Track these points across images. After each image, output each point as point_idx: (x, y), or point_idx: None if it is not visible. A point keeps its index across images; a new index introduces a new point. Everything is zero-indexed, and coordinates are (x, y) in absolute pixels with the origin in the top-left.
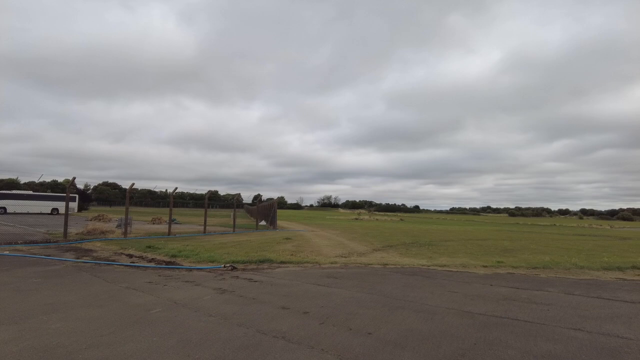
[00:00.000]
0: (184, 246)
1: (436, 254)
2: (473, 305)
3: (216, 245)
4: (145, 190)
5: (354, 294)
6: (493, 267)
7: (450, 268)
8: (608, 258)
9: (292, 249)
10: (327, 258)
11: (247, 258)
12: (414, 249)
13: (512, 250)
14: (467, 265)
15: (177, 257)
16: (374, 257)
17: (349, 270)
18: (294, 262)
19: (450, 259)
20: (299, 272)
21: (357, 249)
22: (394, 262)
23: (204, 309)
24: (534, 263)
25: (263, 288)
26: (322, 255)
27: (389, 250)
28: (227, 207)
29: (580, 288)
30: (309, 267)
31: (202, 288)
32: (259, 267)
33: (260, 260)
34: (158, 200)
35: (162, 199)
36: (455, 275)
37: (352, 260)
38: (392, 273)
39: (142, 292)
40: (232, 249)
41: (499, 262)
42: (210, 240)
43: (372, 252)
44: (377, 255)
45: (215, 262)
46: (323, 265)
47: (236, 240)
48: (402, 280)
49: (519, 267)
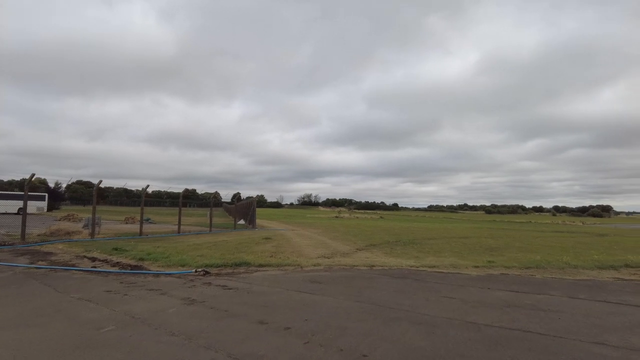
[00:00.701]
0: (154, 248)
1: (422, 253)
2: (476, 315)
3: (190, 247)
4: (121, 189)
5: (342, 302)
6: (485, 267)
7: (440, 269)
8: (598, 256)
9: (271, 249)
10: (310, 259)
11: (222, 261)
12: (399, 248)
13: (498, 249)
14: (457, 266)
15: (144, 261)
16: (359, 258)
17: (333, 274)
18: (274, 265)
19: (437, 259)
20: (279, 277)
21: (340, 248)
22: (381, 263)
23: (167, 326)
24: (525, 262)
25: (238, 297)
26: (303, 256)
27: (373, 249)
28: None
29: (582, 291)
30: (290, 271)
31: (168, 298)
32: (235, 272)
33: (236, 263)
34: (134, 199)
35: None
36: (447, 277)
37: (336, 261)
38: (380, 276)
39: (96, 304)
40: (206, 250)
41: (490, 261)
42: (184, 241)
43: (356, 251)
44: (361, 255)
45: (187, 266)
46: (305, 267)
47: (212, 241)
48: (392, 285)
49: (511, 267)
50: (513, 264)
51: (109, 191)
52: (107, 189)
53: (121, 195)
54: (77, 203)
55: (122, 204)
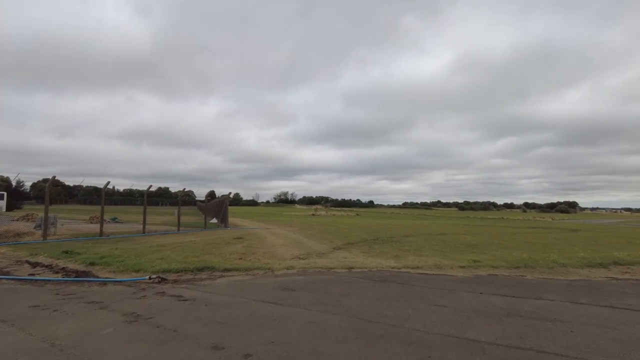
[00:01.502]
0: (111, 250)
1: (402, 252)
2: (475, 329)
3: (152, 249)
4: (91, 188)
5: (316, 315)
6: (471, 267)
7: (424, 270)
8: (583, 253)
9: (242, 250)
10: (283, 261)
11: (184, 265)
12: (377, 247)
13: (479, 246)
14: (441, 266)
15: (95, 266)
16: (336, 258)
17: (308, 278)
18: (242, 269)
19: (419, 258)
20: (246, 283)
21: (316, 248)
22: (360, 265)
23: (92, 356)
24: (512, 261)
25: (194, 310)
26: (276, 257)
27: (351, 248)
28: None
29: (580, 294)
30: (259, 275)
31: (108, 314)
32: (196, 278)
33: (199, 267)
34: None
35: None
36: (433, 279)
37: (312, 263)
38: (360, 280)
39: (11, 327)
40: (169, 252)
41: (475, 261)
42: (147, 242)
43: (333, 251)
44: (338, 255)
45: (142, 272)
46: (277, 271)
47: (178, 242)
48: (374, 291)
49: (498, 267)
50: (500, 264)
51: (78, 189)
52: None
53: (91, 194)
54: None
55: (92, 202)
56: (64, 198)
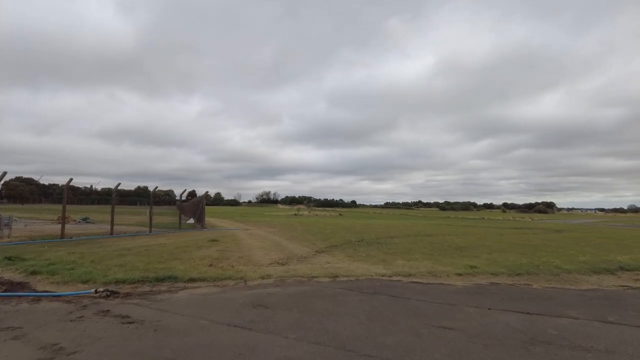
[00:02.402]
0: (67, 254)
1: (389, 255)
2: None
3: (115, 253)
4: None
5: (294, 346)
6: (469, 275)
7: (418, 278)
8: (583, 257)
9: (214, 255)
10: (258, 268)
11: (143, 274)
12: (363, 249)
13: (468, 249)
14: (436, 273)
15: (37, 275)
16: (319, 264)
17: (286, 290)
18: (210, 279)
19: (409, 263)
20: (211, 298)
21: (297, 251)
22: (345, 272)
23: None
24: (510, 267)
25: (136, 340)
26: (252, 263)
27: (335, 252)
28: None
29: (603, 308)
30: (229, 287)
31: (19, 347)
32: (154, 290)
33: (159, 277)
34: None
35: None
36: (429, 290)
37: (291, 270)
38: (346, 292)
39: None
40: (133, 257)
41: (472, 267)
42: (113, 245)
43: (315, 255)
44: (321, 259)
45: (91, 283)
46: (251, 281)
47: (146, 245)
48: (364, 307)
49: (499, 274)
50: (499, 270)
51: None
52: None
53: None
54: (15, 201)
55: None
56: (38, 197)
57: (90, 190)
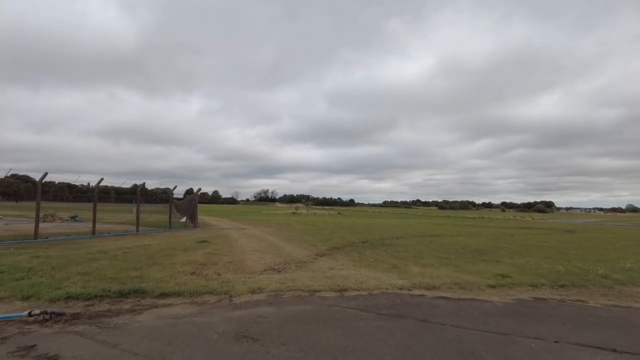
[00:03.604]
0: (29, 259)
1: (399, 260)
2: None
3: (87, 256)
4: (64, 184)
5: None
6: (503, 286)
7: (444, 292)
8: (627, 263)
9: (200, 259)
10: (250, 277)
11: (107, 285)
12: (368, 253)
13: (485, 252)
14: (463, 285)
15: None
16: (320, 271)
17: (282, 310)
18: (188, 293)
19: (425, 270)
20: (182, 324)
21: (295, 254)
22: (354, 283)
23: None
24: (548, 276)
25: None
26: (243, 270)
27: (337, 255)
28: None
29: None
30: (209, 305)
31: None
32: (112, 310)
33: (124, 291)
34: (78, 195)
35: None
36: (465, 311)
37: (289, 280)
38: (359, 314)
39: None
40: (105, 262)
41: (503, 276)
42: (90, 247)
43: (316, 259)
44: (323, 265)
45: (33, 299)
46: (238, 296)
47: (128, 246)
48: (387, 340)
49: (539, 286)
50: (537, 280)
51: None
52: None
53: (63, 191)
54: (9, 199)
55: (64, 199)
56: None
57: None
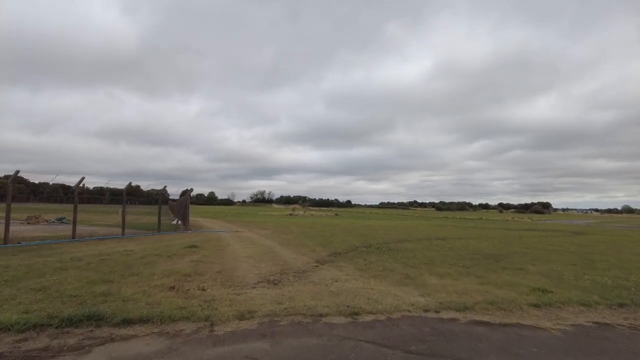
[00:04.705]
0: None
1: (413, 269)
2: None
3: (55, 265)
4: (58, 185)
5: None
6: (549, 306)
7: (480, 313)
8: None
9: (185, 269)
10: (239, 294)
11: (56, 308)
12: (374, 259)
13: (501, 257)
14: (499, 303)
15: None
16: (324, 283)
17: (278, 347)
18: (158, 319)
19: (445, 282)
20: None
21: (294, 261)
22: (366, 302)
23: None
24: (597, 291)
25: None
26: (233, 282)
27: (340, 262)
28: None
29: None
30: (181, 339)
31: None
32: (51, 347)
33: (75, 317)
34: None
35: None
36: (518, 344)
37: (286, 297)
38: (381, 352)
39: None
40: (73, 273)
41: (543, 291)
42: (63, 253)
43: (317, 267)
44: (325, 275)
45: None
46: (222, 324)
47: (107, 252)
48: None
49: (594, 306)
50: (589, 298)
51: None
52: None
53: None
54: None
55: (58, 200)
56: (26, 196)
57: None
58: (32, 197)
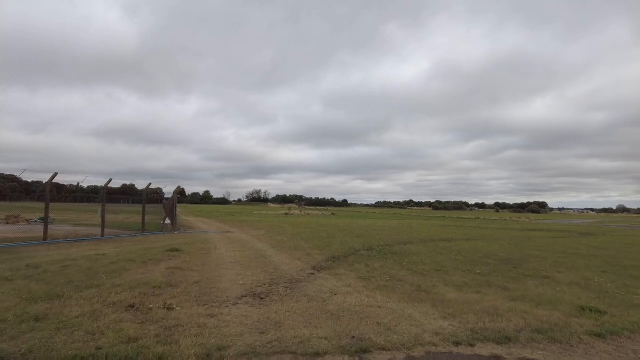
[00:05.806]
0: None
1: (422, 277)
2: None
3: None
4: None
5: None
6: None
7: (529, 351)
8: None
9: (157, 278)
10: (212, 317)
11: None
12: (378, 265)
13: (519, 263)
14: (551, 332)
15: None
16: (320, 299)
17: None
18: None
19: (464, 296)
20: None
21: (286, 268)
22: (376, 329)
23: None
24: None
25: None
26: (209, 297)
27: (340, 269)
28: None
29: None
30: None
31: None
32: None
33: None
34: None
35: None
36: None
37: (272, 322)
38: None
39: None
40: (12, 286)
41: (596, 312)
42: (23, 258)
43: (312, 275)
44: (322, 287)
45: None
46: None
47: (74, 257)
48: None
49: None
50: None
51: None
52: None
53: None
54: None
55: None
56: (18, 195)
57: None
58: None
